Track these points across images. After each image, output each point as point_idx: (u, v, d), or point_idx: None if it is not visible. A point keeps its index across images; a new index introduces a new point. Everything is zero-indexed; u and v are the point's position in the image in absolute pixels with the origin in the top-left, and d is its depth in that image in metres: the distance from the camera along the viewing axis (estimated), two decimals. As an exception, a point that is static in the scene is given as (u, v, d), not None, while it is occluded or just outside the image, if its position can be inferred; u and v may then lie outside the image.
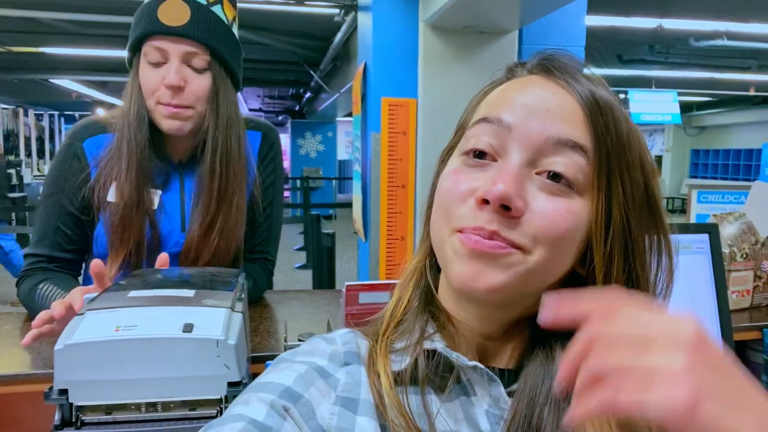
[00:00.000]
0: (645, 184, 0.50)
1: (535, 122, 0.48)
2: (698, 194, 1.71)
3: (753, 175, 12.81)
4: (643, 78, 8.14)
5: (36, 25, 5.32)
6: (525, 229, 0.46)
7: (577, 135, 0.47)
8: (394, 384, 0.49)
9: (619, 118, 0.49)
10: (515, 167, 0.47)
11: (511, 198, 0.45)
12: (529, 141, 0.47)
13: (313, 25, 5.54)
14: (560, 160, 0.46)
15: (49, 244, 1.11)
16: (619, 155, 0.47)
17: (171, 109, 1.04)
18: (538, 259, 0.47)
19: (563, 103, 0.48)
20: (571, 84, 0.49)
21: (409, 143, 2.86)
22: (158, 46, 1.03)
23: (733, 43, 5.82)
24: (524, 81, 0.52)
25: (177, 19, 1.02)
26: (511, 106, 0.49)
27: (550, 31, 2.94)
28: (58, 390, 0.55)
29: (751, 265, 1.25)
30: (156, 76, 1.04)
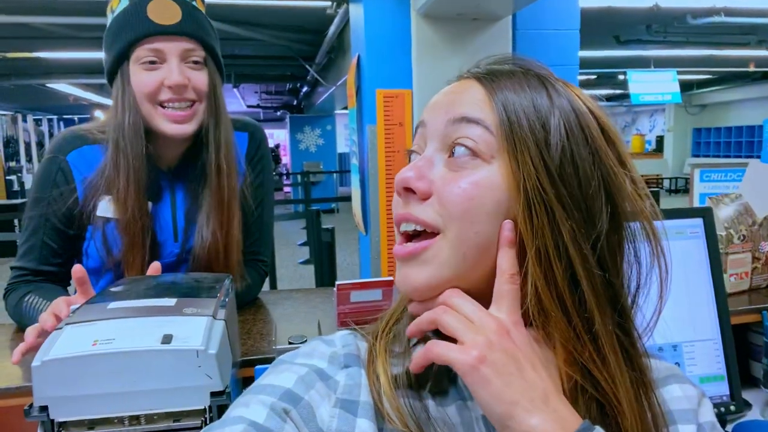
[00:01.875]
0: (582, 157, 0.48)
1: (440, 112, 0.52)
2: (701, 173, 1.70)
3: (756, 152, 12.74)
4: (641, 58, 8.08)
5: (30, 30, 5.31)
6: (434, 206, 0.49)
7: (472, 111, 0.49)
8: (393, 387, 0.50)
9: (519, 87, 0.50)
10: (425, 156, 0.51)
11: (409, 181, 0.49)
12: (435, 129, 0.51)
13: (306, 19, 5.51)
14: (460, 135, 0.49)
15: (35, 257, 1.10)
16: (518, 124, 0.48)
17: (174, 114, 1.03)
18: (454, 237, 0.48)
19: (465, 90, 0.52)
20: (482, 75, 0.52)
21: (406, 134, 2.84)
22: (154, 47, 1.01)
23: (731, 20, 5.76)
24: (449, 85, 0.55)
25: (170, 17, 1.01)
26: (428, 107, 0.54)
27: (544, 16, 2.91)
28: (39, 407, 0.54)
29: (749, 246, 1.23)
30: (154, 78, 1.02)
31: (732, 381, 0.98)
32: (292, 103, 12.48)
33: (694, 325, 0.97)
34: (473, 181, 0.48)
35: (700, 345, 0.97)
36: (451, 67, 0.55)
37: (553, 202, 0.46)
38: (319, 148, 12.44)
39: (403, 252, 0.50)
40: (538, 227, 0.46)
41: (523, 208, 0.47)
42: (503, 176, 0.47)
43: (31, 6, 4.66)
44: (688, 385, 0.55)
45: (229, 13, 5.08)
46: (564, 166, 0.47)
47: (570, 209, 0.47)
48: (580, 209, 0.47)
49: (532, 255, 0.47)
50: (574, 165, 0.48)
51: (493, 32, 2.75)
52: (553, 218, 0.46)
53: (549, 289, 0.47)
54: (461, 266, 0.48)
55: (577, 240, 0.47)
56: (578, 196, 0.47)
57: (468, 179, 0.48)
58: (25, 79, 8.16)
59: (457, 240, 0.48)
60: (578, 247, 0.47)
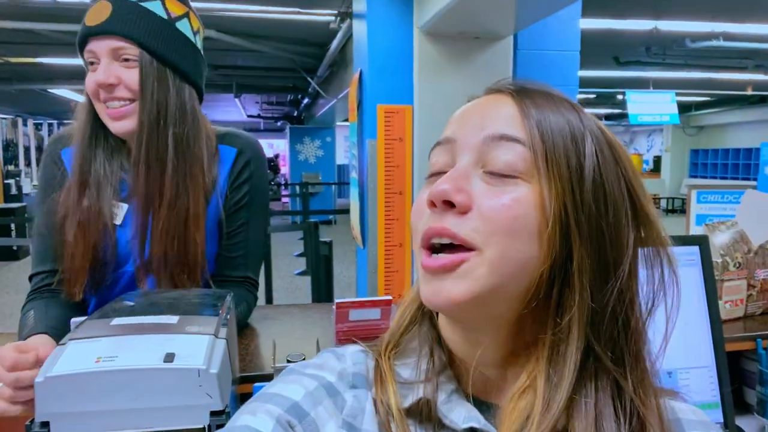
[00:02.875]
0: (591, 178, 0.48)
1: (472, 127, 0.50)
2: (698, 194, 1.71)
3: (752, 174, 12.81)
4: (640, 79, 8.15)
5: (33, 37, 5.33)
6: (473, 222, 0.46)
7: (510, 129, 0.48)
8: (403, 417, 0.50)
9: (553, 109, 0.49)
10: (459, 168, 0.49)
11: (450, 193, 0.46)
12: (470, 144, 0.49)
13: (310, 33, 5.55)
14: (500, 153, 0.48)
15: (51, 258, 1.09)
16: (554, 143, 0.47)
17: (111, 111, 1.04)
18: (492, 256, 0.46)
19: (498, 106, 0.50)
20: (515, 92, 0.51)
21: (406, 150, 2.86)
22: (89, 49, 1.03)
23: (729, 44, 5.83)
24: (476, 100, 0.54)
25: (97, 18, 1.02)
26: (455, 122, 0.52)
27: (545, 36, 2.95)
28: (40, 423, 0.54)
29: (744, 274, 1.24)
30: (92, 79, 1.03)
31: (726, 408, 0.99)
32: (292, 114, 12.53)
33: (689, 352, 0.97)
34: (516, 197, 0.46)
35: (695, 372, 0.98)
36: (453, 84, 0.56)
37: (585, 225, 0.46)
38: (319, 160, 12.46)
39: (437, 264, 0.47)
40: (576, 256, 0.46)
41: (560, 232, 0.46)
42: (546, 197, 0.46)
43: (36, 13, 4.69)
44: None
45: (233, 25, 5.13)
46: (597, 191, 0.47)
47: (601, 234, 0.46)
48: (610, 235, 0.47)
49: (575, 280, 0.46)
50: (605, 190, 0.47)
51: (494, 51, 2.78)
52: (589, 242, 0.46)
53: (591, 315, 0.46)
54: (498, 283, 0.46)
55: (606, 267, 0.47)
56: (609, 221, 0.47)
57: (511, 195, 0.46)
58: (27, 83, 8.18)
59: (498, 257, 0.46)
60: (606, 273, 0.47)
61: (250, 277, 1.20)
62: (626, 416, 0.46)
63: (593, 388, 0.46)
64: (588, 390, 0.46)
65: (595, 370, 0.47)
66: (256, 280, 1.23)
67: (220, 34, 5.06)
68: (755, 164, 12.53)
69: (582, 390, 0.46)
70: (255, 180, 1.18)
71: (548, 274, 0.47)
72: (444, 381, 0.52)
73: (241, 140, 1.19)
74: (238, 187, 1.16)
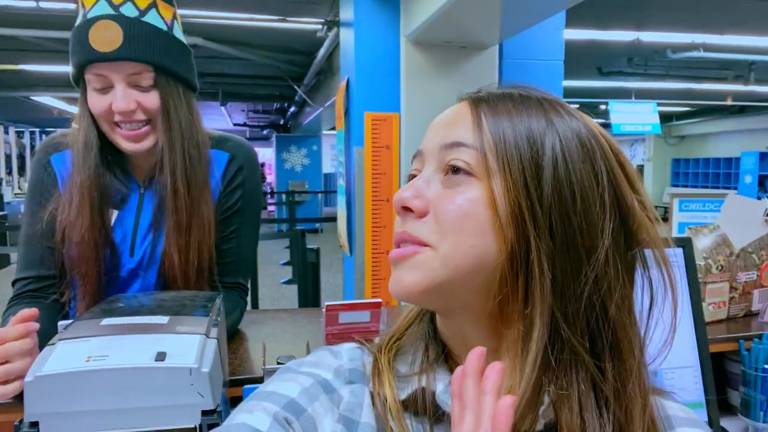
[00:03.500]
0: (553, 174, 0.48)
1: (435, 137, 0.53)
2: (679, 203, 1.73)
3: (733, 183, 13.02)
4: (622, 89, 8.26)
5: (16, 43, 5.28)
6: (429, 225, 0.50)
7: (463, 135, 0.51)
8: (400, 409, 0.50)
9: (507, 109, 0.51)
10: (423, 176, 0.53)
11: (406, 200, 0.51)
12: (431, 153, 0.53)
13: (297, 41, 5.56)
14: (452, 157, 0.51)
15: (36, 263, 1.08)
16: (505, 142, 0.49)
17: (128, 133, 1.03)
18: (446, 250, 0.48)
19: (458, 114, 0.53)
20: (474, 100, 0.53)
21: (393, 157, 2.87)
22: (99, 73, 1.00)
23: (709, 55, 5.94)
24: None
25: (109, 43, 0.97)
26: (426, 134, 0.56)
27: (530, 46, 2.99)
28: (29, 423, 0.54)
29: (727, 276, 1.27)
30: (104, 102, 1.01)
31: (710, 409, 1.00)
32: (278, 123, 12.50)
33: (673, 353, 0.98)
34: (468, 197, 0.49)
35: (679, 372, 0.99)
36: (439, 93, 0.58)
37: (544, 217, 0.47)
38: (305, 168, 12.44)
39: (395, 254, 0.51)
40: (533, 248, 0.46)
41: (515, 226, 0.47)
42: (498, 194, 0.48)
43: (18, 19, 4.65)
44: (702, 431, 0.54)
45: (220, 33, 5.12)
46: (560, 182, 0.47)
47: (568, 223, 0.47)
48: (579, 224, 0.47)
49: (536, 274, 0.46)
50: (570, 180, 0.48)
51: (480, 60, 2.81)
52: (550, 233, 0.47)
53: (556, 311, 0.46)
54: (453, 275, 0.48)
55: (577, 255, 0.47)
56: (577, 209, 0.47)
57: (463, 195, 0.49)
58: (9, 91, 8.08)
59: (450, 252, 0.48)
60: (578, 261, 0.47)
61: (241, 283, 1.20)
62: (609, 407, 0.46)
63: (575, 380, 0.46)
64: (568, 381, 0.46)
65: (572, 361, 0.47)
66: (247, 286, 1.23)
67: (207, 41, 5.05)
68: (735, 173, 12.74)
69: (561, 382, 0.46)
70: (248, 186, 1.17)
71: (509, 266, 0.47)
72: (440, 372, 0.53)
73: (233, 145, 1.18)
74: (230, 193, 1.15)
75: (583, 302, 0.47)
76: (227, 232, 1.16)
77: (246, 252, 1.20)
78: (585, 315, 0.47)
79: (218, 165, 1.15)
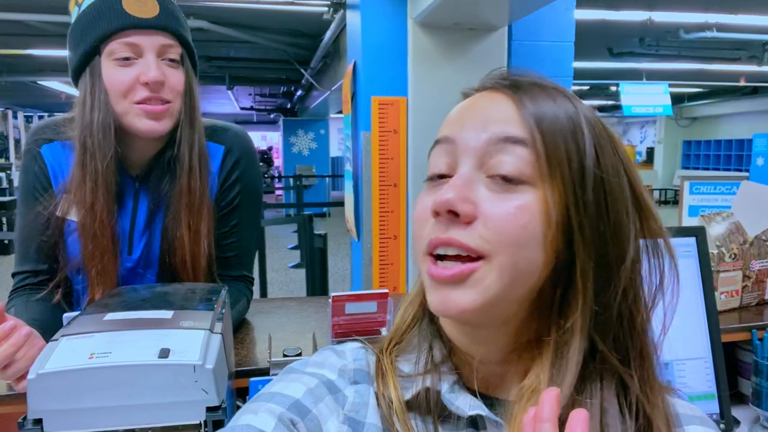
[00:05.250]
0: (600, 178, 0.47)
1: (474, 129, 0.49)
2: (690, 185, 1.71)
3: (744, 165, 12.88)
4: (634, 70, 8.14)
5: (23, 28, 5.26)
6: (480, 232, 0.46)
7: (513, 129, 0.47)
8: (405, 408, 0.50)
9: (557, 114, 0.48)
10: (463, 175, 0.48)
11: (455, 203, 0.46)
12: (472, 147, 0.48)
13: (303, 24, 5.50)
14: (504, 158, 0.47)
15: (33, 258, 1.05)
16: (558, 146, 0.46)
17: (150, 108, 0.97)
18: (501, 264, 0.45)
19: (499, 105, 0.49)
20: (512, 90, 0.49)
21: (400, 142, 2.85)
22: (130, 42, 0.95)
23: (722, 35, 5.83)
24: (472, 97, 0.52)
25: (148, 11, 0.95)
26: (455, 122, 0.51)
27: (540, 27, 2.94)
28: (33, 420, 0.53)
29: (740, 265, 1.25)
30: (128, 74, 0.96)
31: (722, 399, 0.99)
32: (285, 106, 12.46)
33: (685, 344, 0.97)
34: (522, 205, 0.45)
35: (691, 364, 0.98)
36: (447, 76, 0.55)
37: (587, 228, 0.46)
38: (312, 152, 12.42)
39: (446, 275, 0.46)
40: (580, 258, 0.46)
41: (564, 236, 0.46)
42: (551, 203, 0.46)
43: (25, 3, 4.63)
44: (711, 429, 0.54)
45: (226, 16, 5.08)
46: (597, 189, 0.46)
47: (603, 233, 0.46)
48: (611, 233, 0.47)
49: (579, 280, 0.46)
50: (604, 188, 0.47)
51: (488, 42, 2.77)
52: (591, 244, 0.46)
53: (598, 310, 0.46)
54: (507, 290, 0.46)
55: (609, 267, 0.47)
56: (610, 219, 0.47)
57: (516, 202, 0.46)
58: (17, 75, 8.09)
59: (506, 266, 0.45)
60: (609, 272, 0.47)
61: (245, 275, 1.19)
62: (632, 414, 0.46)
63: (598, 388, 0.46)
64: (593, 390, 0.46)
65: (600, 369, 0.47)
66: (252, 277, 1.22)
67: (213, 25, 5.01)
68: (747, 155, 12.60)
69: (587, 390, 0.46)
70: (246, 179, 1.14)
71: (553, 276, 0.47)
72: (445, 372, 0.52)
73: (228, 136, 1.14)
74: (228, 188, 1.12)
75: (613, 312, 0.47)
76: (228, 228, 1.13)
77: (248, 244, 1.19)
78: (614, 324, 0.47)
79: (214, 159, 1.11)
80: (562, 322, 0.47)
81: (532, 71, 0.53)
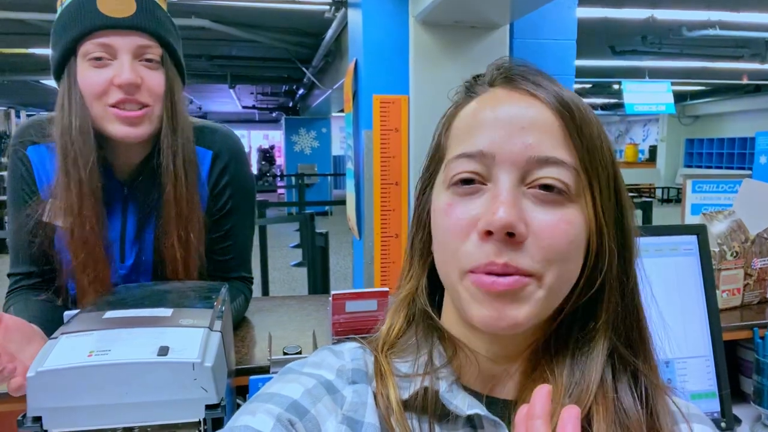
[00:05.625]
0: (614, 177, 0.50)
1: (514, 144, 0.47)
2: (693, 184, 1.71)
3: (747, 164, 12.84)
4: (636, 68, 8.13)
5: (25, 27, 5.27)
6: (532, 252, 0.46)
7: (556, 148, 0.47)
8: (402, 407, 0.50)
9: (588, 117, 0.49)
10: (509, 190, 0.46)
11: (514, 224, 0.44)
12: (513, 163, 0.47)
13: (305, 22, 5.50)
14: (547, 174, 0.47)
15: (25, 260, 1.04)
16: (594, 156, 0.48)
17: (125, 114, 0.94)
18: (552, 280, 0.47)
19: (536, 117, 0.48)
20: (537, 91, 0.49)
21: (402, 140, 2.84)
22: (103, 42, 0.92)
23: (725, 33, 5.82)
24: (491, 98, 0.50)
25: (123, 10, 0.92)
26: (487, 132, 0.48)
27: (541, 25, 2.93)
28: (32, 417, 0.54)
29: (741, 263, 1.24)
30: (102, 76, 0.92)
31: (723, 397, 0.99)
32: (287, 105, 12.47)
33: (686, 342, 0.97)
34: (569, 221, 0.47)
35: (692, 362, 0.98)
36: (449, 74, 0.54)
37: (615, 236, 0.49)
38: (314, 151, 12.42)
39: (502, 286, 0.45)
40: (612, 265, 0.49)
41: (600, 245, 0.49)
42: (588, 213, 0.48)
43: (27, 3, 4.64)
44: (709, 428, 0.55)
45: (227, 15, 5.08)
46: (620, 196, 0.50)
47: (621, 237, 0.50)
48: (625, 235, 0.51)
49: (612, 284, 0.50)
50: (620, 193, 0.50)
51: (490, 40, 2.76)
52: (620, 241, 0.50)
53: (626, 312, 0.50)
54: (553, 302, 0.48)
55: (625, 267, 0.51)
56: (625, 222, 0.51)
57: (563, 219, 0.46)
58: (19, 75, 8.11)
59: (556, 281, 0.47)
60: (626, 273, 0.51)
61: (244, 275, 1.19)
62: (643, 405, 0.49)
63: (613, 380, 0.49)
64: (609, 383, 0.48)
65: (615, 364, 0.49)
66: (251, 276, 1.22)
67: (215, 23, 5.01)
68: (750, 153, 12.56)
69: (604, 383, 0.48)
70: (236, 182, 1.12)
71: (585, 283, 0.50)
72: (444, 373, 0.52)
73: (216, 138, 1.11)
74: (219, 193, 1.11)
75: (626, 310, 0.50)
76: (222, 232, 1.12)
77: (243, 245, 1.17)
78: (627, 320, 0.50)
79: (202, 165, 1.08)
80: (591, 324, 0.50)
81: (532, 65, 0.52)
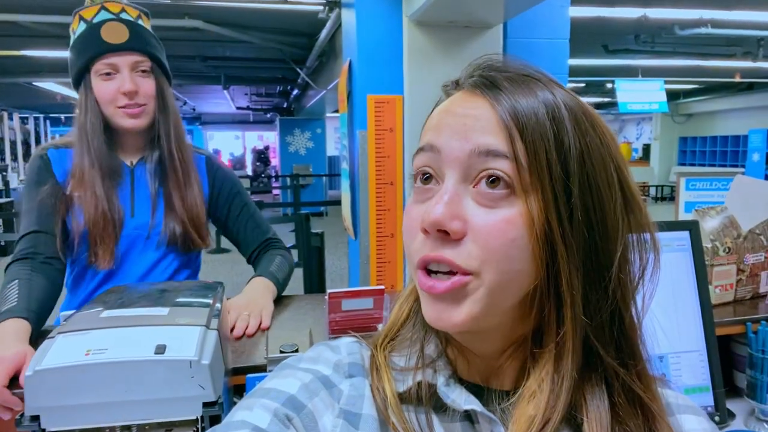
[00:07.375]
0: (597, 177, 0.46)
1: (457, 140, 0.47)
2: (686, 182, 1.72)
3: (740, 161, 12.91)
4: (629, 67, 8.16)
5: (17, 29, 5.25)
6: (470, 249, 0.45)
7: (494, 142, 0.46)
8: (398, 400, 0.50)
9: (538, 104, 0.46)
10: (448, 189, 0.47)
11: (444, 222, 0.45)
12: (456, 159, 0.47)
13: (298, 23, 5.50)
14: (490, 165, 0.46)
15: (41, 222, 1.23)
16: (542, 151, 0.45)
17: (129, 111, 1.29)
18: (492, 279, 0.45)
19: (482, 114, 0.47)
20: (490, 92, 0.48)
21: (396, 140, 2.85)
22: (109, 62, 1.27)
23: (717, 31, 5.85)
24: (451, 100, 0.51)
25: (119, 37, 1.27)
26: (438, 129, 0.49)
27: (535, 24, 2.94)
28: (30, 417, 0.54)
29: (734, 259, 1.25)
30: (110, 87, 1.28)
31: (716, 392, 1.00)
32: (282, 106, 12.45)
33: (680, 337, 0.98)
34: (510, 219, 0.45)
35: (685, 356, 0.99)
36: (443, 74, 0.54)
37: (572, 237, 0.45)
38: (309, 151, 12.41)
39: (439, 289, 0.46)
40: (564, 268, 0.45)
41: (547, 246, 0.45)
42: (535, 214, 0.45)
43: (19, 4, 4.62)
44: (703, 418, 0.55)
45: (221, 16, 5.07)
46: (584, 193, 0.46)
47: (591, 238, 0.46)
48: (599, 235, 0.46)
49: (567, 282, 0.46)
50: (591, 188, 0.46)
51: (484, 40, 2.77)
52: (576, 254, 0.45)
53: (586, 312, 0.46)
54: (497, 303, 0.47)
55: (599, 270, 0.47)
56: (597, 221, 0.46)
57: (504, 216, 0.45)
58: (11, 77, 8.07)
59: (495, 280, 0.45)
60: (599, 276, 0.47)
61: (270, 238, 1.48)
62: (635, 407, 0.48)
63: (602, 383, 0.48)
64: (598, 387, 0.48)
65: (601, 367, 0.48)
66: (277, 237, 1.51)
67: (208, 24, 5.00)
68: (743, 151, 12.63)
69: (592, 387, 0.48)
70: (227, 173, 1.49)
71: (544, 287, 0.47)
72: (441, 366, 0.52)
73: (201, 151, 1.47)
74: (221, 184, 1.45)
75: (605, 313, 0.47)
76: (238, 212, 1.46)
77: (259, 216, 1.50)
78: (607, 324, 0.48)
79: (200, 169, 1.42)
80: (559, 330, 0.47)
81: (516, 60, 0.51)
